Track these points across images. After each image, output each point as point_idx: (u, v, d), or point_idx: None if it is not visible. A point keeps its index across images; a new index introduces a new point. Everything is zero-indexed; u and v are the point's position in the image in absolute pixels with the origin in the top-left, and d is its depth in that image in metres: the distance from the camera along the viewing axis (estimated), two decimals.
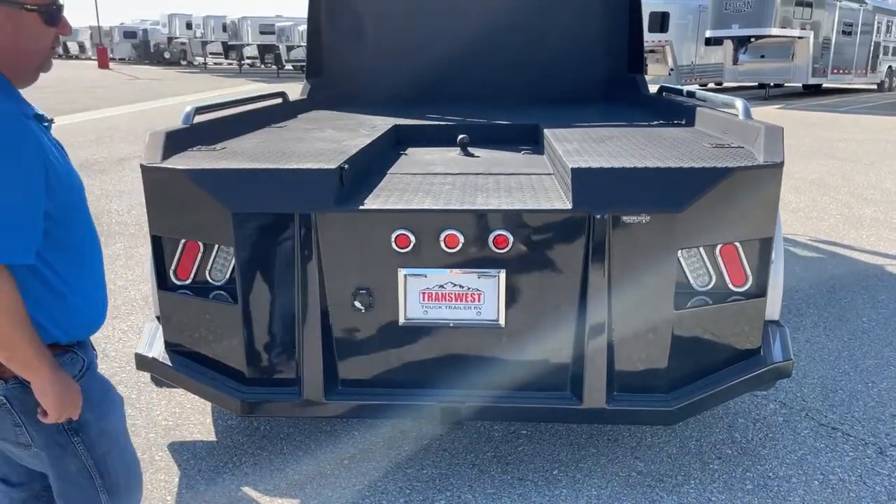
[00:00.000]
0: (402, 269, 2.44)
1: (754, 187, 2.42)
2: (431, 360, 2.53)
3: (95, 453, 1.56)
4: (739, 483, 2.74)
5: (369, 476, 2.79)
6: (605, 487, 2.72)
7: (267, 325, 2.53)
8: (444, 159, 3.26)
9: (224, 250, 2.57)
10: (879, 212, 7.20)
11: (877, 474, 2.81)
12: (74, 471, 1.55)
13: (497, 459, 2.90)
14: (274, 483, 2.75)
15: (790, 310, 4.51)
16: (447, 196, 2.52)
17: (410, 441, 3.02)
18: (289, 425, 3.15)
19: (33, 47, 1.43)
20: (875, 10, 21.91)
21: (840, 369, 3.72)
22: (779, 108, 17.75)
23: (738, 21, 18.94)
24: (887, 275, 5.28)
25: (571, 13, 4.90)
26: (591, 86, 4.97)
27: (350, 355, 2.55)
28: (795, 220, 6.79)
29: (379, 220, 2.41)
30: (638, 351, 2.49)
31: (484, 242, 2.40)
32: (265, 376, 2.58)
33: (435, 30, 4.93)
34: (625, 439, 3.03)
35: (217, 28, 40.75)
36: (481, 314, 2.48)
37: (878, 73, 23.26)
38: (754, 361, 2.61)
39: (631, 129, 3.41)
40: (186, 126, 2.87)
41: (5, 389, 1.47)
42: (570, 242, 2.41)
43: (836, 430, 3.13)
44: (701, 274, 2.54)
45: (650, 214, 2.36)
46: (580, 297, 2.44)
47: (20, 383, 1.46)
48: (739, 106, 3.06)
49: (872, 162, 10.04)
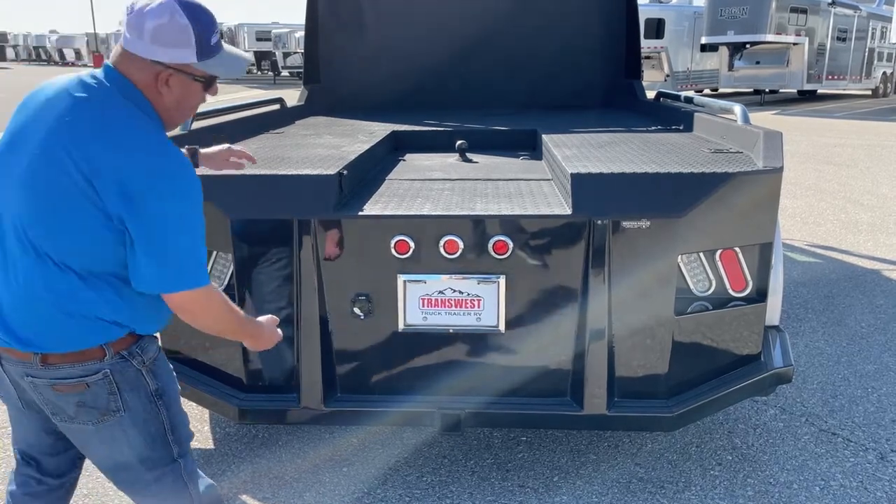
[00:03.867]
0: (401, 274, 2.43)
1: (754, 192, 2.42)
2: (431, 367, 2.52)
3: (170, 413, 1.80)
4: (741, 489, 2.73)
5: (368, 483, 2.77)
6: (605, 494, 2.70)
7: None
8: (443, 165, 3.25)
9: (222, 256, 2.55)
10: (876, 217, 7.22)
11: (878, 480, 2.80)
12: (154, 431, 1.77)
13: (497, 466, 2.88)
14: (272, 491, 2.73)
15: (788, 315, 4.51)
16: (446, 202, 2.52)
17: (410, 448, 3.00)
18: (287, 432, 3.13)
19: (193, 105, 1.74)
20: (869, 17, 22.01)
21: (839, 374, 3.71)
22: (774, 113, 17.81)
23: (733, 27, 19.01)
24: (885, 280, 5.28)
25: (569, 19, 4.90)
26: (588, 92, 4.98)
27: (349, 362, 2.54)
28: (792, 226, 6.80)
29: (378, 226, 2.40)
30: (638, 357, 2.48)
31: (483, 248, 2.39)
32: (263, 383, 2.57)
33: (432, 36, 4.93)
34: (625, 445, 3.02)
35: None
36: (481, 320, 2.47)
37: (873, 78, 23.35)
38: (755, 367, 2.60)
39: (629, 135, 3.41)
40: (184, 132, 2.87)
41: (110, 364, 1.67)
42: (569, 248, 2.40)
43: (837, 435, 3.12)
44: (701, 279, 2.54)
45: (650, 220, 2.35)
46: (580, 303, 2.43)
47: (123, 358, 1.68)
48: (738, 111, 3.06)
49: (868, 167, 10.07)
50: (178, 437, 1.83)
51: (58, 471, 1.92)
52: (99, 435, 1.73)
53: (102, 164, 1.51)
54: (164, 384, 1.79)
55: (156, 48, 1.59)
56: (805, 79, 19.86)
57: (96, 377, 1.66)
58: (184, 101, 1.69)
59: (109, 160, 1.51)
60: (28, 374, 1.66)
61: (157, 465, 1.80)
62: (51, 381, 1.65)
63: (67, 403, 1.68)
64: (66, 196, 1.52)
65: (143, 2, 1.60)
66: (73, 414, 1.69)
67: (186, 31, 1.59)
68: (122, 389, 1.69)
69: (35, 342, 1.62)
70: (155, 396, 1.75)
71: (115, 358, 1.67)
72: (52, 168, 1.52)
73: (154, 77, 1.62)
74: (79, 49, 52.56)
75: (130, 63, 1.61)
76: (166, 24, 1.58)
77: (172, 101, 1.66)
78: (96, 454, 1.79)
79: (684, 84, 20.46)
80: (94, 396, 1.68)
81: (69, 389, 1.66)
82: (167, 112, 1.68)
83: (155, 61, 1.60)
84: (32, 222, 1.55)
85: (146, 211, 1.53)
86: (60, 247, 1.56)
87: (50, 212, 1.53)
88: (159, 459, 1.80)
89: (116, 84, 1.61)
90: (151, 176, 1.53)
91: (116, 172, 1.51)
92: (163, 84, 1.63)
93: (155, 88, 1.63)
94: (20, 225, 1.57)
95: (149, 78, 1.62)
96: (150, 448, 1.78)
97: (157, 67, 1.61)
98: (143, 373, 1.73)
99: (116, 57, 1.64)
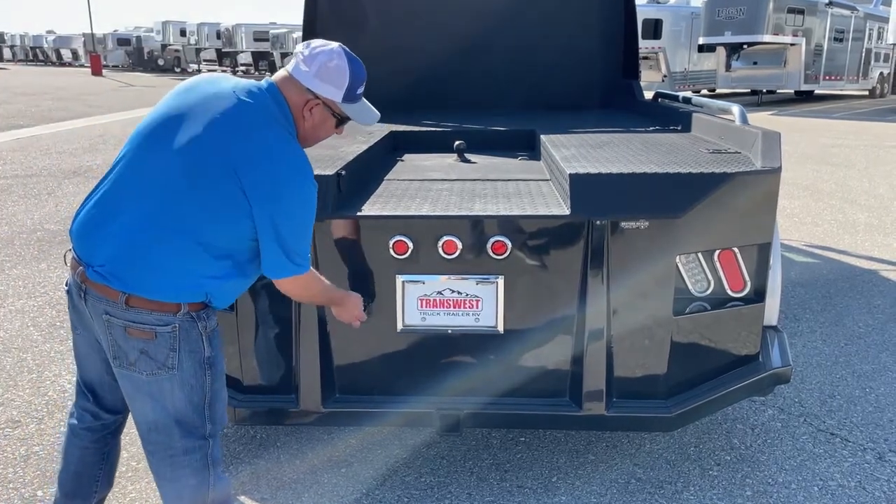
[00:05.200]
0: (399, 275, 2.43)
1: (753, 192, 2.42)
2: (429, 367, 2.52)
3: (214, 387, 1.94)
4: (739, 489, 2.73)
5: (367, 484, 2.77)
6: (604, 494, 2.70)
7: (263, 333, 2.51)
8: (441, 165, 3.25)
9: None
10: (873, 217, 7.23)
11: (876, 480, 2.81)
12: (196, 399, 1.91)
13: (496, 467, 2.88)
14: (271, 492, 2.73)
15: (786, 315, 4.51)
16: (445, 202, 2.51)
17: (408, 449, 3.00)
18: (285, 433, 3.13)
19: (322, 136, 2.06)
20: (866, 17, 22.05)
21: (837, 374, 3.72)
22: (771, 114, 17.83)
23: (730, 28, 19.03)
24: (882, 280, 5.29)
25: (567, 19, 4.90)
26: (586, 92, 4.97)
27: (347, 362, 2.53)
28: (790, 226, 6.81)
29: (377, 226, 2.40)
30: (637, 357, 2.48)
31: (482, 249, 2.39)
32: (262, 384, 2.56)
33: (430, 36, 4.92)
34: (623, 446, 3.02)
35: (211, 35, 40.73)
36: (479, 321, 2.47)
37: (870, 79, 23.40)
38: (753, 367, 2.60)
39: (628, 135, 3.41)
40: None
41: (181, 319, 1.83)
42: (568, 248, 2.40)
43: (835, 435, 3.13)
44: (699, 279, 2.54)
45: (648, 220, 2.35)
46: (579, 304, 2.43)
47: (192, 319, 1.85)
48: (736, 111, 3.06)
49: (865, 167, 10.09)
50: (213, 415, 1.96)
51: (115, 407, 2.10)
52: (149, 387, 1.87)
53: (256, 163, 1.79)
54: (216, 355, 1.95)
55: (316, 81, 1.93)
56: (802, 79, 19.90)
57: (165, 329, 1.82)
58: (318, 129, 2.01)
59: (262, 162, 1.80)
60: (108, 311, 1.82)
61: (190, 435, 1.92)
62: (126, 323, 1.81)
63: (132, 349, 1.83)
64: (218, 178, 1.78)
65: (320, 43, 1.97)
66: (133, 360, 1.84)
67: (344, 75, 1.94)
68: (181, 349, 1.85)
69: (130, 283, 1.79)
70: (206, 364, 1.91)
71: (186, 317, 1.84)
72: (213, 150, 1.79)
73: (304, 102, 1.94)
74: (76, 49, 52.46)
75: (291, 86, 1.94)
76: (332, 66, 1.93)
77: (310, 127, 1.99)
78: (140, 407, 1.92)
79: (681, 84, 20.47)
80: (157, 348, 1.83)
81: (139, 335, 1.82)
82: (303, 133, 1.99)
83: (310, 90, 1.93)
84: (182, 188, 1.78)
85: (282, 211, 1.82)
86: (199, 216, 1.79)
87: (200, 185, 1.78)
88: (193, 429, 1.93)
89: (275, 98, 1.92)
90: (290, 184, 1.83)
91: (266, 175, 1.80)
92: (308, 110, 1.95)
93: (301, 112, 1.95)
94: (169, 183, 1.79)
95: (300, 101, 1.94)
96: (188, 413, 1.91)
97: (309, 95, 1.94)
98: (203, 338, 1.89)
99: (280, 78, 1.96)
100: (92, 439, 2.14)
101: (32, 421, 3.25)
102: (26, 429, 3.18)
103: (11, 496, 2.70)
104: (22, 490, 2.73)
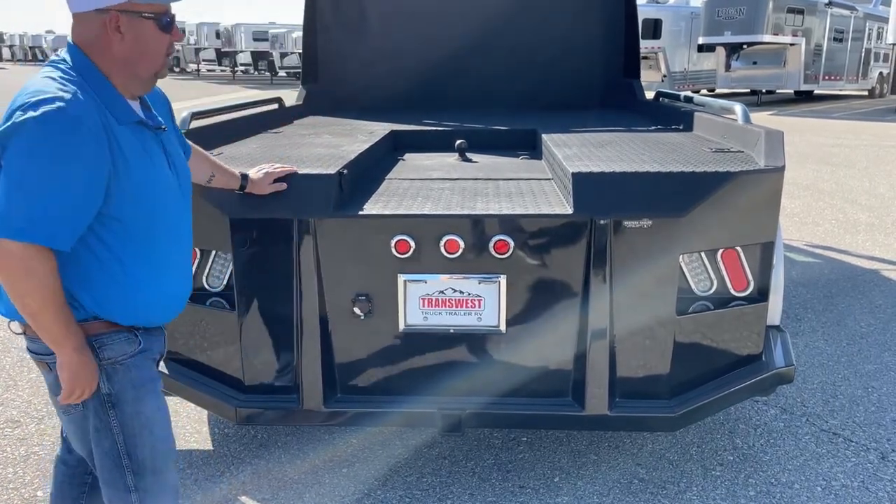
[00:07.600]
0: (401, 274, 2.42)
1: (756, 192, 2.41)
2: (431, 367, 2.51)
3: (126, 432, 1.64)
4: (742, 489, 2.72)
5: (368, 484, 2.76)
6: (606, 495, 2.69)
7: (265, 332, 2.50)
8: (442, 164, 3.24)
9: (221, 256, 2.54)
10: (874, 217, 7.22)
11: (879, 479, 2.80)
12: (107, 446, 1.65)
13: (498, 467, 2.87)
14: (272, 492, 2.72)
15: (788, 315, 4.50)
16: (447, 201, 2.50)
17: (410, 449, 2.99)
18: (287, 433, 3.12)
19: (154, 52, 1.60)
20: (866, 17, 22.05)
21: (840, 374, 3.71)
22: (771, 114, 17.82)
23: (730, 28, 19.02)
24: (883, 279, 5.29)
25: (568, 19, 4.89)
26: (587, 91, 4.97)
27: (349, 362, 2.52)
28: (791, 226, 6.80)
29: (378, 225, 2.39)
30: (640, 357, 2.47)
31: (484, 248, 2.38)
32: (263, 384, 2.55)
33: (431, 35, 4.92)
34: (626, 446, 3.01)
35: (210, 35, 40.66)
36: (482, 320, 2.46)
37: (869, 79, 23.39)
38: (756, 367, 2.59)
39: (629, 134, 3.40)
40: (183, 131, 2.84)
41: None
42: (570, 247, 2.39)
43: (838, 435, 3.12)
44: (702, 279, 2.53)
45: (652, 219, 2.34)
46: (581, 303, 2.42)
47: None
48: (738, 111, 3.05)
49: (866, 167, 10.09)
50: (136, 466, 1.66)
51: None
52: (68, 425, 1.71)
53: None
54: (121, 394, 1.62)
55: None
56: (802, 79, 19.89)
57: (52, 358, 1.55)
58: (142, 46, 1.59)
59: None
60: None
61: (110, 486, 1.68)
62: (28, 353, 1.62)
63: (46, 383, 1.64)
64: None
65: None
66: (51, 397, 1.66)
67: None
68: None
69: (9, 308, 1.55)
70: (108, 403, 1.61)
71: None
72: None
73: (102, 28, 1.55)
74: None
75: (79, 26, 1.57)
76: None
77: (127, 50, 1.57)
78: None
79: (681, 84, 20.46)
80: (55, 381, 1.58)
81: (39, 366, 1.62)
82: (124, 65, 1.58)
83: (97, 10, 1.53)
84: None
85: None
86: None
87: None
88: (111, 481, 1.67)
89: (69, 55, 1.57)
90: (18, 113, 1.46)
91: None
92: (114, 31, 1.55)
93: (104, 42, 1.56)
94: None
95: (97, 31, 1.55)
96: (102, 459, 1.66)
97: (101, 17, 1.54)
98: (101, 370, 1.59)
99: (71, 30, 1.59)
100: (66, 473, 1.92)
101: (32, 421, 3.24)
102: (26, 429, 3.17)
103: (11, 496, 2.69)
104: (22, 490, 2.73)
